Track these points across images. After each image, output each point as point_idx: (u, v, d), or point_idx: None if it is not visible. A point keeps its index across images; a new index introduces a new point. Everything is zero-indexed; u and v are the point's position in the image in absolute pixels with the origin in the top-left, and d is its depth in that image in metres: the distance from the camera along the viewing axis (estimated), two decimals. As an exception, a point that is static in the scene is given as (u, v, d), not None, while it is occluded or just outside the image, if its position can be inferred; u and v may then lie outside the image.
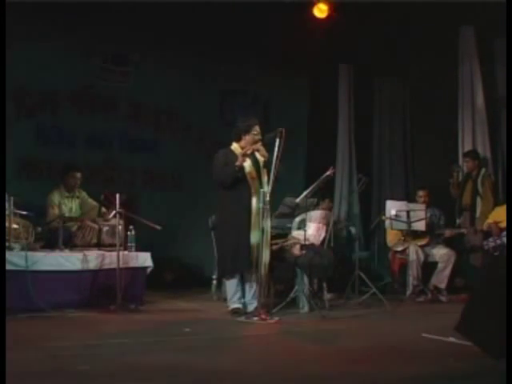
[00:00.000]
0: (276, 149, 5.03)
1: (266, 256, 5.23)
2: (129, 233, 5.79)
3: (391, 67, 8.68)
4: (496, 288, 3.57)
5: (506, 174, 7.10)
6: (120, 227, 5.57)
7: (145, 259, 5.85)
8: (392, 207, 6.72)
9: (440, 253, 6.81)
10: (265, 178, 5.28)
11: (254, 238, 5.14)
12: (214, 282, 6.33)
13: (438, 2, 6.64)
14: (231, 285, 5.38)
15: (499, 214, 6.40)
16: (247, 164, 5.31)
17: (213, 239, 6.25)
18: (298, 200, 6.10)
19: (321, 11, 7.42)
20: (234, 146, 5.42)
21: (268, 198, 5.09)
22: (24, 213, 5.42)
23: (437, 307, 6.23)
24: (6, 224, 5.13)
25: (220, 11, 7.01)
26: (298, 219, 5.97)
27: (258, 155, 5.36)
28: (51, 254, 5.43)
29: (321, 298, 5.79)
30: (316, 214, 6.05)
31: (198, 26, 7.46)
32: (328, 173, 5.96)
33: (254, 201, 5.22)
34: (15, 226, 5.30)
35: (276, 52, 7.95)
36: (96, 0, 6.61)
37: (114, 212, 5.60)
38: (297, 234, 5.82)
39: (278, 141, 5.01)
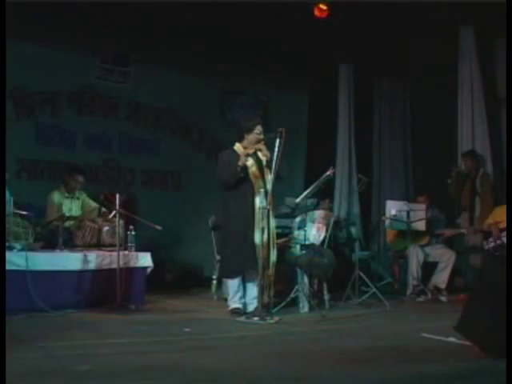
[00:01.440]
0: (276, 149, 5.02)
1: (273, 256, 5.25)
2: (129, 233, 5.79)
3: (391, 67, 8.67)
4: (496, 288, 3.57)
5: (505, 174, 7.09)
6: (120, 227, 5.57)
7: (145, 259, 5.84)
8: (392, 207, 6.73)
9: (440, 253, 6.81)
10: (268, 178, 5.28)
11: (258, 237, 5.14)
12: (214, 281, 6.32)
13: (438, 1, 6.64)
14: (233, 284, 5.38)
15: (499, 214, 6.38)
16: (250, 163, 5.31)
17: (213, 239, 6.26)
18: (297, 200, 6.10)
19: (321, 11, 7.41)
20: (237, 146, 5.42)
21: (269, 198, 5.10)
22: (24, 213, 5.41)
23: (437, 307, 6.23)
24: (6, 224, 5.13)
25: (220, 11, 7.00)
26: (298, 219, 5.97)
27: (260, 155, 5.36)
28: (51, 254, 5.43)
29: (321, 298, 5.79)
30: (316, 214, 6.05)
31: (198, 26, 7.46)
32: (328, 173, 5.96)
33: (257, 200, 5.22)
34: (15, 225, 5.30)
35: (276, 52, 7.94)
36: (96, 0, 6.61)
37: (114, 212, 5.59)
38: (297, 234, 5.83)
39: (277, 141, 5.00)
